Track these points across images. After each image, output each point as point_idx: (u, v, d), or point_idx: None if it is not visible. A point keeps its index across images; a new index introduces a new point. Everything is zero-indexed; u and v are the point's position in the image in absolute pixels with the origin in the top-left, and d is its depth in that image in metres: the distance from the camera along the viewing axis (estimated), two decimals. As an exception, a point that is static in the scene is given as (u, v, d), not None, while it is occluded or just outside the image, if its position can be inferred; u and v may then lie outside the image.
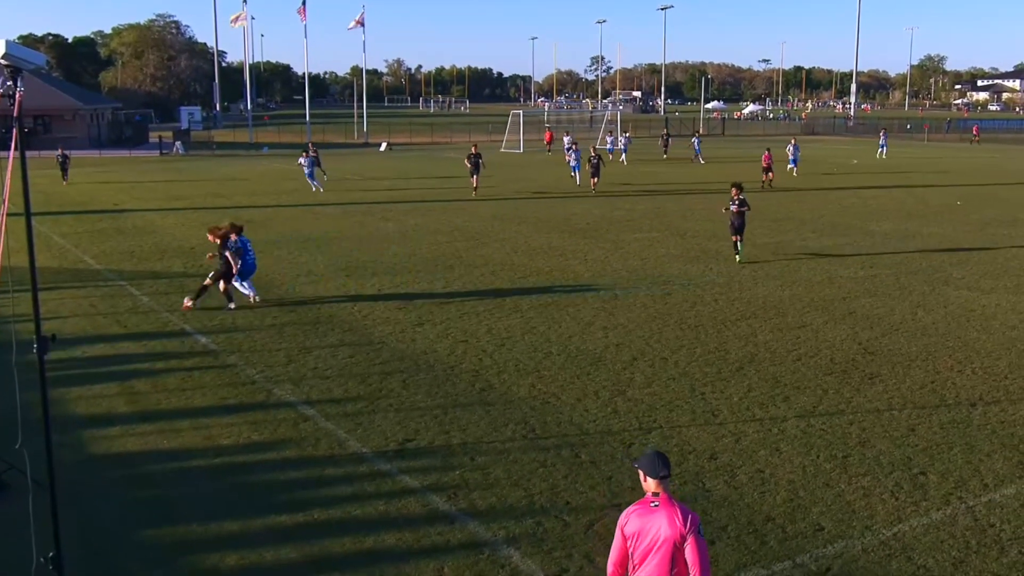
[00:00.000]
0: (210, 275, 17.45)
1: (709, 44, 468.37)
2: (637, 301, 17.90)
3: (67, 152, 45.28)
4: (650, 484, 5.70)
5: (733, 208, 22.01)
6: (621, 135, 61.99)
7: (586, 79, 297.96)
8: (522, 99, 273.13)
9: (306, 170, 40.24)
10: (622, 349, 14.49)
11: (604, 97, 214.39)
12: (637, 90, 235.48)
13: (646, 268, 21.45)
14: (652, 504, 5.65)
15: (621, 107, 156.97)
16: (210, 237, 17.49)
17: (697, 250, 23.91)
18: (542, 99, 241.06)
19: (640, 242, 25.23)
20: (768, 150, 42.29)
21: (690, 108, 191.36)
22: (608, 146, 60.27)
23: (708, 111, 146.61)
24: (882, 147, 63.43)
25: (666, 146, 63.19)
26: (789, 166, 46.37)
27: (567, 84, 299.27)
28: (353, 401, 12.06)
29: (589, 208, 33.18)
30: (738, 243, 22.26)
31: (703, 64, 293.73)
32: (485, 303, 17.73)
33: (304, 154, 41.30)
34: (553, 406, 11.88)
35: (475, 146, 39.22)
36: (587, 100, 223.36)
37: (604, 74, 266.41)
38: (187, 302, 17.17)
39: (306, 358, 14.01)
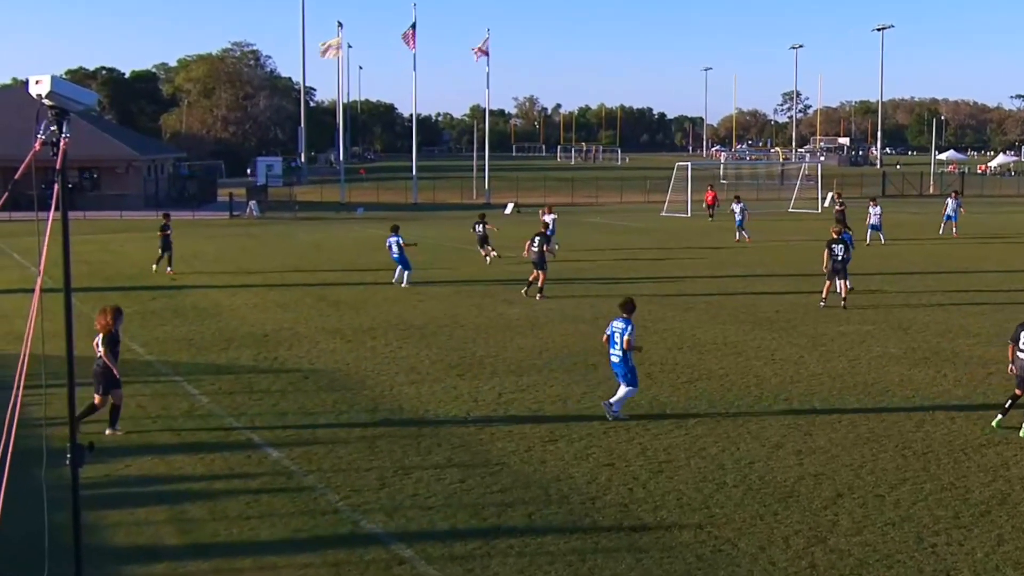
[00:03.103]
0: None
1: (942, 75, 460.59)
2: (843, 417, 17.48)
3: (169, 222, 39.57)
4: None
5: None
6: (951, 199, 55.33)
7: (775, 121, 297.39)
8: (691, 147, 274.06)
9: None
10: (822, 481, 14.13)
11: (800, 145, 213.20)
12: (844, 135, 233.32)
13: (855, 373, 20.97)
14: None
15: (823, 157, 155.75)
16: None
17: (926, 349, 23.29)
18: (717, 147, 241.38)
19: (847, 337, 24.73)
20: None
21: (916, 159, 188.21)
22: (737, 218, 53.07)
23: (941, 163, 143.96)
24: None
25: (874, 220, 50.06)
26: None
27: (750, 128, 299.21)
28: (463, 540, 12.08)
29: (779, 291, 32.79)
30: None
31: (934, 101, 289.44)
32: (638, 415, 17.61)
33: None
34: (727, 555, 11.63)
35: (481, 215, 42.32)
36: (777, 148, 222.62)
37: (800, 115, 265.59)
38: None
39: (404, 482, 14.14)
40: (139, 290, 33.98)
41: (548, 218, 41.57)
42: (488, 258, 41.77)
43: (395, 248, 34.56)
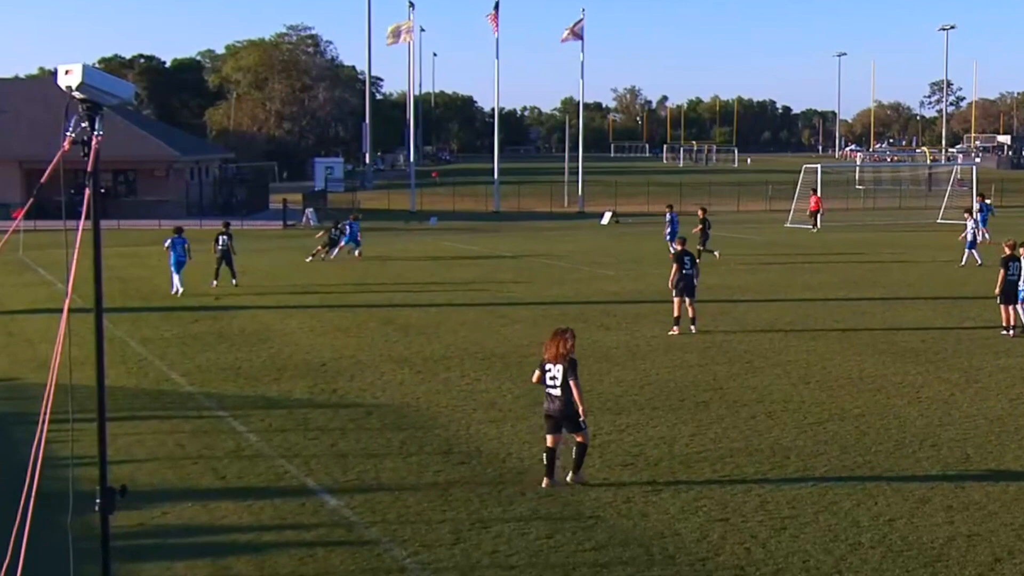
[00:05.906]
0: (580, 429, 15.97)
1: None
2: (1002, 467, 17.19)
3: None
4: None
5: None
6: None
7: (921, 116, 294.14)
8: (820, 146, 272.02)
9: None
10: (976, 543, 13.89)
11: (952, 143, 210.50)
12: (1004, 133, 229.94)
13: (1017, 415, 20.61)
14: None
15: (978, 159, 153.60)
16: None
17: (1103, 387, 22.83)
18: (852, 147, 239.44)
19: (1008, 372, 24.32)
20: None
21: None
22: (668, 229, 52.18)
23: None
24: None
25: None
26: None
27: (892, 124, 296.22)
28: (549, 605, 12.05)
29: (926, 316, 32.35)
30: None
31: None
32: (757, 461, 17.48)
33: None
34: (863, 630, 11.48)
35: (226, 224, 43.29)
36: (923, 148, 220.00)
37: (951, 108, 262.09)
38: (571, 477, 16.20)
39: (482, 536, 14.15)
40: (179, 311, 34.43)
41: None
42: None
43: (180, 250, 38.40)
